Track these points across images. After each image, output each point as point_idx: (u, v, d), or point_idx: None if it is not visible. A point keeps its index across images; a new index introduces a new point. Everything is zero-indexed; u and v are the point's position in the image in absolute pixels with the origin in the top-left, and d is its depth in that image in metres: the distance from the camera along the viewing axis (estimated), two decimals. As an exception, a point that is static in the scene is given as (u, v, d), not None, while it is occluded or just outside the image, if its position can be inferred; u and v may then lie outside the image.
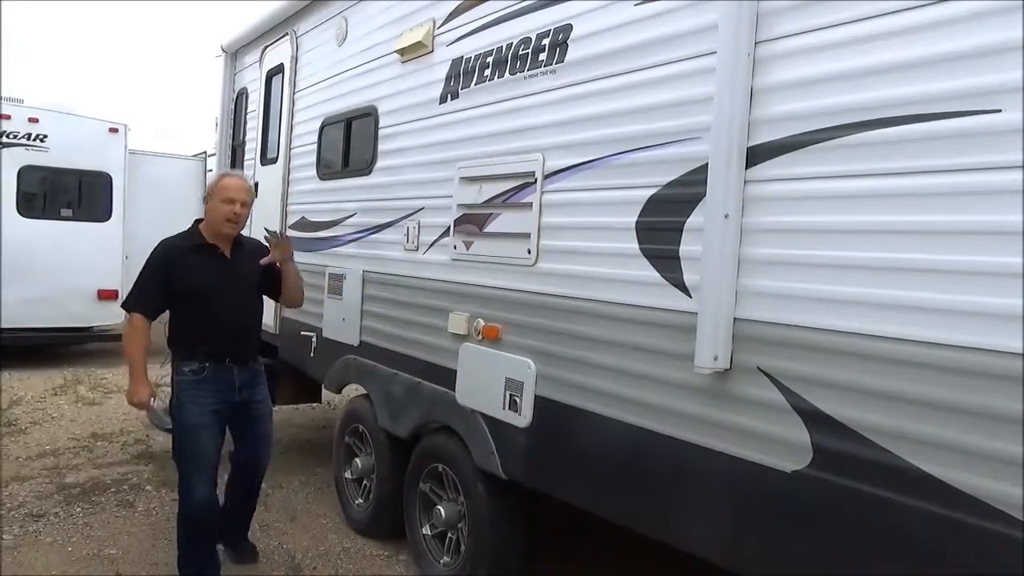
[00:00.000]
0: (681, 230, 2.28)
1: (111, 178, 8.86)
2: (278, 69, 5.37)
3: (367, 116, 4.12)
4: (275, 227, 3.64)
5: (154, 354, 3.33)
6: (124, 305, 3.34)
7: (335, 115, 4.49)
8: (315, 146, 4.71)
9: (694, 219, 2.24)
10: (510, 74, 3.03)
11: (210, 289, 3.24)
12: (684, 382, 2.23)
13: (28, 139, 8.35)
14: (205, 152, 10.07)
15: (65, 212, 8.75)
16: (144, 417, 5.92)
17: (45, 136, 8.43)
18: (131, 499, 4.45)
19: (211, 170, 10.17)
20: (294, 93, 5.09)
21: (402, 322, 3.71)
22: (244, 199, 3.32)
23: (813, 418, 1.90)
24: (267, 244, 3.50)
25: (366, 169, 4.10)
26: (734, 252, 2.09)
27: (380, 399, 3.84)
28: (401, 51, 3.77)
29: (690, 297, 2.24)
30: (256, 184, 5.61)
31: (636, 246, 2.42)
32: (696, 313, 2.18)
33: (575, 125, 2.70)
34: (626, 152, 2.49)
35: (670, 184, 2.33)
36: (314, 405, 6.71)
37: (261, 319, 3.56)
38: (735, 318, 2.10)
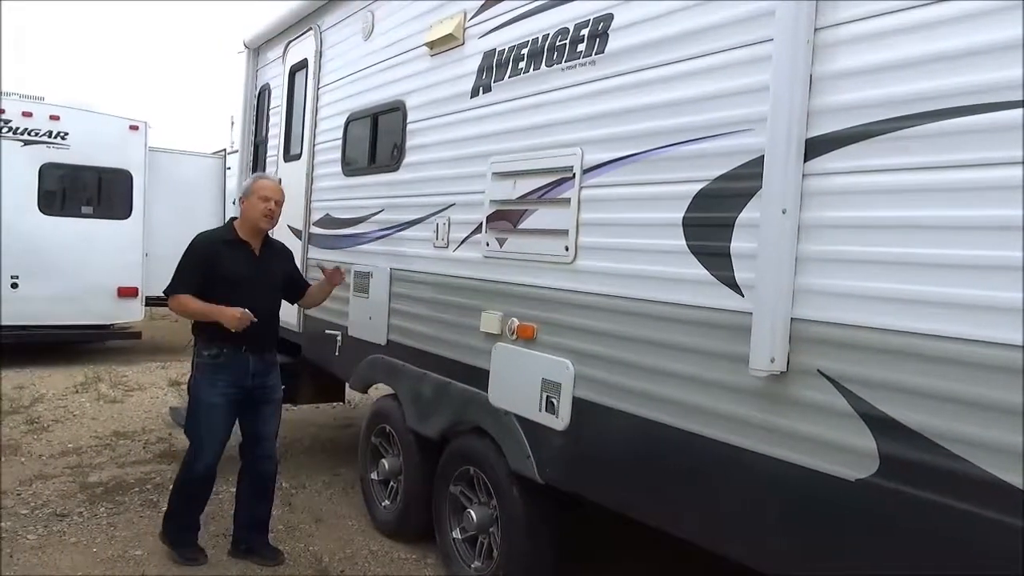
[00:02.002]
0: (732, 226, 2.18)
1: (131, 176, 8.85)
2: (302, 64, 5.31)
3: (395, 111, 4.04)
4: (326, 263, 4.17)
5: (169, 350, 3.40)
6: (168, 290, 3.49)
7: (361, 110, 4.42)
8: (340, 142, 4.64)
9: (746, 214, 2.14)
10: (546, 66, 2.94)
11: (237, 281, 3.46)
12: (737, 385, 2.13)
13: (49, 136, 8.35)
14: (224, 149, 10.06)
15: (86, 210, 8.74)
16: (166, 416, 5.93)
17: (66, 134, 8.43)
18: (155, 499, 4.40)
19: (229, 167, 10.16)
20: (318, 88, 5.02)
21: (431, 321, 3.63)
22: (278, 198, 3.61)
23: (880, 424, 1.80)
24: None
25: (393, 165, 4.02)
26: (792, 249, 1.99)
27: (408, 399, 3.77)
28: (430, 44, 3.69)
29: (742, 296, 2.14)
30: (279, 181, 5.56)
31: (683, 243, 2.33)
32: (749, 312, 2.09)
33: (616, 118, 2.61)
34: (672, 145, 2.40)
35: (720, 178, 2.23)
36: (334, 404, 6.67)
37: (279, 315, 3.75)
38: (792, 318, 2.01)
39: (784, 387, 2.01)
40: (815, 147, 1.98)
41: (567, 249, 2.79)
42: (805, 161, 1.99)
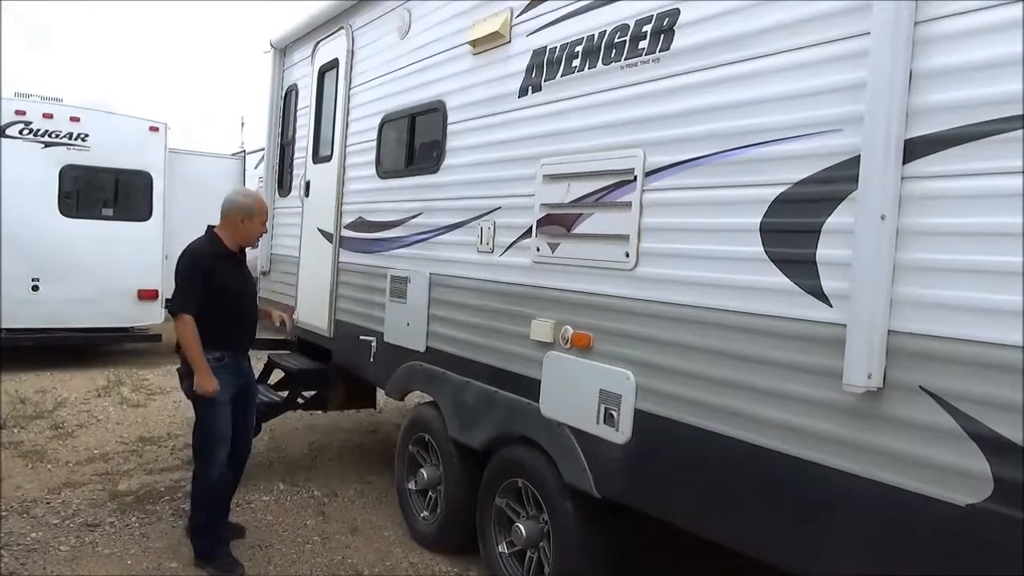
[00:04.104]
0: (819, 232, 2.06)
1: (151, 177, 8.77)
2: (331, 64, 5.21)
3: (434, 112, 3.94)
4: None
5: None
6: (178, 309, 3.50)
7: (397, 111, 4.32)
8: (374, 143, 4.54)
9: (835, 220, 2.03)
10: (603, 64, 2.83)
11: (235, 290, 3.65)
12: (825, 400, 2.01)
13: (70, 138, 8.28)
14: (244, 151, 9.98)
15: (106, 212, 8.66)
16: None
17: (86, 135, 8.35)
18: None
19: (252, 168, 10.10)
20: (349, 89, 4.92)
21: (475, 328, 3.52)
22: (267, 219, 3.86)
23: (994, 445, 1.69)
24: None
25: (433, 167, 3.92)
26: (890, 257, 1.87)
27: (450, 408, 3.66)
28: (473, 42, 3.58)
29: (831, 306, 2.03)
30: (307, 183, 5.48)
31: (761, 249, 2.21)
32: (838, 324, 1.98)
33: (683, 118, 2.50)
34: (746, 147, 2.28)
35: (804, 182, 2.12)
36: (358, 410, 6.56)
37: None
38: (889, 330, 1.89)
39: (881, 404, 1.90)
40: (915, 149, 1.87)
41: (627, 255, 2.67)
42: (904, 164, 1.88)
